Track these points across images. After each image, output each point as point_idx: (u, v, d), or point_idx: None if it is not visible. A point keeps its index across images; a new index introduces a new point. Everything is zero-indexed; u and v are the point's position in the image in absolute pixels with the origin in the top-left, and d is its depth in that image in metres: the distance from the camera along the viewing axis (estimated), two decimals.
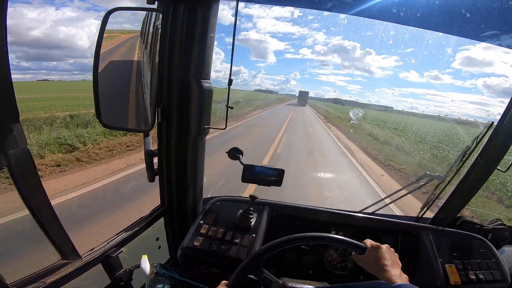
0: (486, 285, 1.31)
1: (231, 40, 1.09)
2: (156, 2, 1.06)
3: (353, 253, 1.05)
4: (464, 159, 1.44)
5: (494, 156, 1.37)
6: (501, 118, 1.32)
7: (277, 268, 1.40)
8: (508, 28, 1.19)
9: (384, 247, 1.00)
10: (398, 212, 3.87)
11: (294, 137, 13.21)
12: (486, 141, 1.37)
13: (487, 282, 1.31)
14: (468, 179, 1.43)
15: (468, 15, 1.15)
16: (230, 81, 1.15)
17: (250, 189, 4.34)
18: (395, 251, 1.42)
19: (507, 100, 1.30)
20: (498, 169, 1.40)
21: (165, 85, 1.12)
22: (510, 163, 1.38)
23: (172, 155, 1.24)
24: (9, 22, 0.63)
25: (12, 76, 0.69)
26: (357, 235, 1.46)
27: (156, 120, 1.14)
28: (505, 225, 1.62)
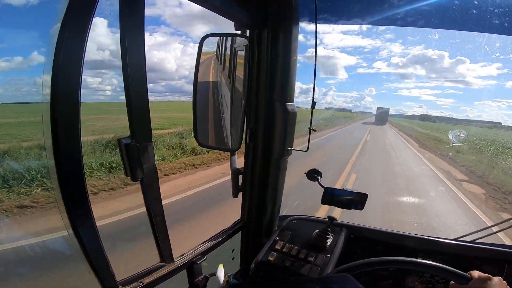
0: None
1: (299, 58, 1.13)
2: (242, 28, 1.16)
3: (452, 282, 0.92)
4: None
5: None
6: None
7: None
8: None
9: (496, 279, 0.86)
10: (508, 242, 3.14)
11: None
12: None
13: None
14: None
15: None
16: (313, 104, 1.17)
17: (322, 211, 4.28)
18: None
19: None
20: None
21: (253, 108, 1.20)
22: None
23: (257, 173, 1.30)
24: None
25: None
26: (449, 263, 1.26)
27: (244, 141, 1.23)
28: None
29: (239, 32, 1.17)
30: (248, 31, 1.17)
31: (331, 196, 1.29)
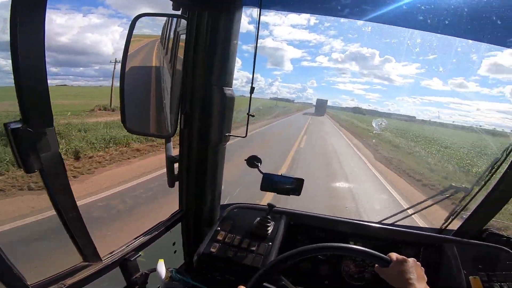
0: None
1: (248, 48, 1.15)
2: (181, 9, 1.08)
3: (376, 265, 1.02)
4: (493, 171, 1.39)
5: None
6: None
7: (292, 277, 1.38)
8: None
9: (411, 260, 0.97)
10: (422, 224, 3.75)
11: None
12: None
13: None
14: (497, 191, 1.37)
15: (498, 22, 1.12)
16: (252, 89, 1.16)
17: (268, 197, 4.36)
18: None
19: None
20: None
21: (188, 92, 1.13)
22: None
23: (193, 161, 1.25)
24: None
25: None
26: (376, 246, 1.42)
27: (179, 126, 1.16)
28: None
29: (178, 12, 1.08)
30: (187, 11, 1.09)
31: (269, 183, 1.32)
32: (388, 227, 1.51)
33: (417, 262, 0.99)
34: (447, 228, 1.54)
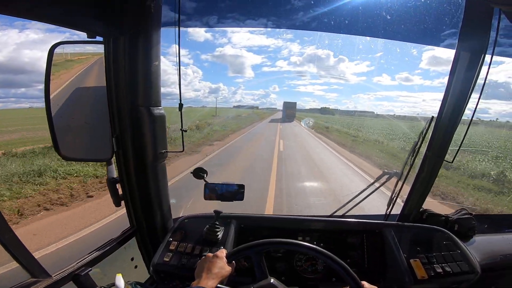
0: (455, 277, 1.30)
1: (207, 57, 1.17)
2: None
3: None
4: (414, 154, 1.46)
5: (439, 149, 1.41)
6: (439, 112, 1.37)
7: (251, 275, 1.44)
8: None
9: None
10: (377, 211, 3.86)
11: None
12: (430, 135, 1.41)
13: (455, 274, 1.30)
14: (422, 173, 1.47)
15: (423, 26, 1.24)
16: (180, 106, 1.19)
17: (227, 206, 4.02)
18: (362, 250, 1.46)
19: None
20: (445, 161, 1.43)
21: (116, 115, 1.16)
22: (455, 153, 1.40)
23: (133, 180, 1.28)
24: None
25: None
26: (322, 238, 1.50)
27: (113, 149, 1.18)
28: (471, 214, 1.63)
29: (94, 39, 1.09)
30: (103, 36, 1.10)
31: (212, 191, 1.37)
32: (335, 219, 1.59)
33: None
34: (391, 213, 1.62)
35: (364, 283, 1.03)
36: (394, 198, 1.58)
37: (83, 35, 1.13)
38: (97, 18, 1.03)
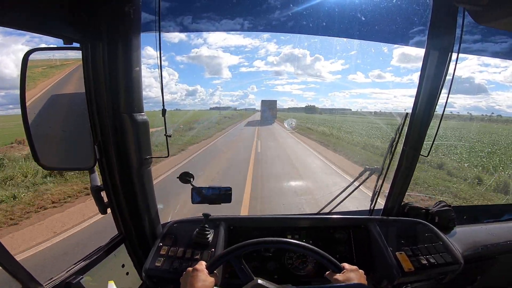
0: (440, 268, 1.34)
1: (183, 59, 1.16)
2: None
3: (328, 272, 1.10)
4: (392, 150, 1.53)
5: (415, 143, 1.48)
6: (412, 108, 1.44)
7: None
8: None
9: (361, 271, 1.08)
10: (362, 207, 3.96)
11: None
12: (406, 131, 1.47)
13: (440, 265, 1.34)
14: (401, 167, 1.53)
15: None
16: (164, 111, 1.19)
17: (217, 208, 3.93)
18: (349, 245, 1.50)
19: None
20: (421, 155, 1.50)
21: (97, 122, 1.14)
22: (430, 147, 1.47)
23: (119, 188, 1.26)
24: None
25: None
26: (311, 235, 1.53)
27: (95, 157, 1.16)
28: (450, 206, 1.70)
29: (71, 45, 1.06)
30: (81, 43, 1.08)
31: (199, 195, 1.37)
32: (321, 216, 1.62)
33: (361, 270, 1.09)
34: (375, 208, 1.68)
35: (345, 264, 1.09)
36: (377, 193, 1.64)
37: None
38: (72, 24, 1.01)
